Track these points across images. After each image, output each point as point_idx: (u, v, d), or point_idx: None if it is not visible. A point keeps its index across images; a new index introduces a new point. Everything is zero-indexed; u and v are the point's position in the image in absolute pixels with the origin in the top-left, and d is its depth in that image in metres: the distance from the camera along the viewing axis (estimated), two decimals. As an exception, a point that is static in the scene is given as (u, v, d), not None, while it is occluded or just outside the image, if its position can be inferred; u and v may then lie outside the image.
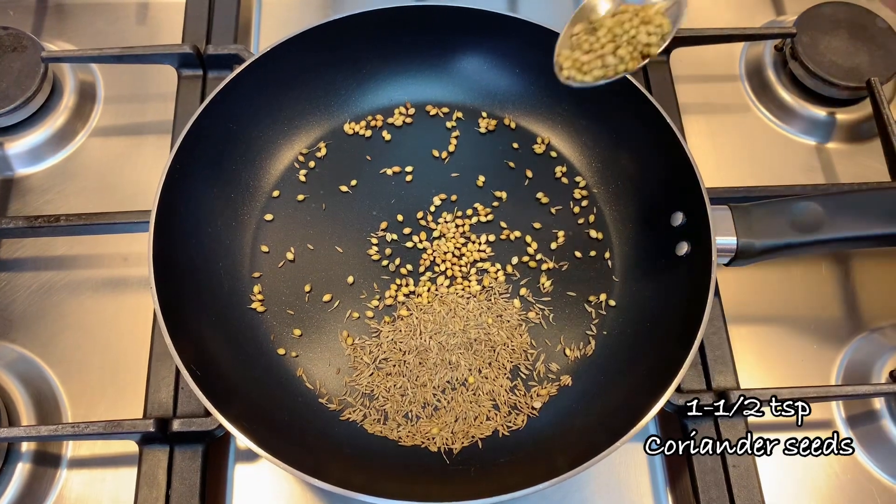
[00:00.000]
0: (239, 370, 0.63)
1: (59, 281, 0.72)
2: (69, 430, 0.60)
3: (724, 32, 0.80)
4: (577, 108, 0.76)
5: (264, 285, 0.70)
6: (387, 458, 0.62)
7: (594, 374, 0.67)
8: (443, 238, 0.72)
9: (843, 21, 0.81)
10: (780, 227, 0.61)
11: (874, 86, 0.75)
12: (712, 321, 0.67)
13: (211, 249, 0.68)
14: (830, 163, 0.80)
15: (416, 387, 0.65)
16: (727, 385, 0.65)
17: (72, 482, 0.64)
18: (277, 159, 0.75)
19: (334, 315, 0.69)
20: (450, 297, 0.69)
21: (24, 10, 0.86)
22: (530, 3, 0.90)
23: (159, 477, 0.60)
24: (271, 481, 0.65)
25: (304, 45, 0.71)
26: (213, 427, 0.61)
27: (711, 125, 0.82)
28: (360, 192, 0.75)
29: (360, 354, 0.67)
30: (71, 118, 0.79)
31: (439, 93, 0.78)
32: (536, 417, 0.65)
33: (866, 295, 0.73)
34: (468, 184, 0.75)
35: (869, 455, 0.66)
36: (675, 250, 0.66)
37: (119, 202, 0.74)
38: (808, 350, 0.70)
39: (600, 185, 0.75)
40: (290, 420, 0.63)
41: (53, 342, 0.69)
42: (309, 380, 0.66)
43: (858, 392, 0.65)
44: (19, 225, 0.68)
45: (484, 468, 0.61)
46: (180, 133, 0.65)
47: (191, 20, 0.81)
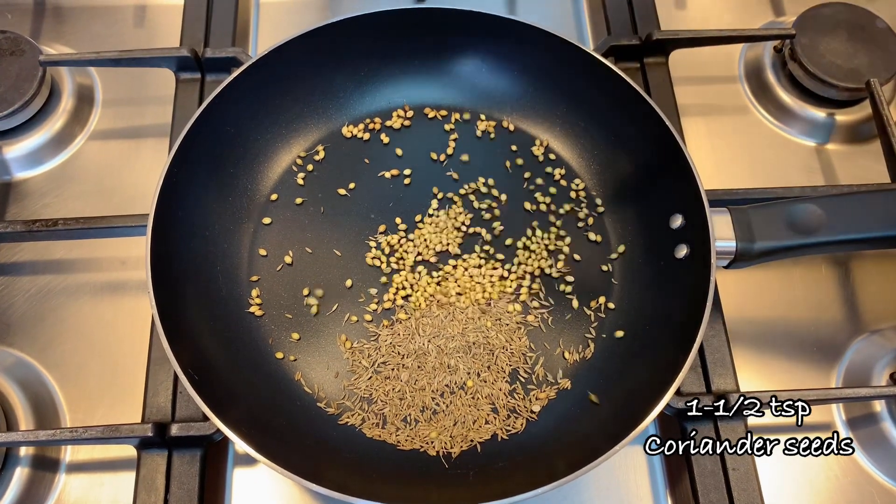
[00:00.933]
0: (237, 374, 0.63)
1: (57, 285, 0.72)
2: (67, 435, 0.60)
3: (723, 34, 0.80)
4: (576, 110, 0.76)
5: (262, 289, 0.69)
6: (385, 462, 0.62)
7: (593, 378, 0.66)
8: (441, 242, 0.72)
9: (842, 22, 0.81)
10: (779, 229, 0.61)
11: (874, 87, 0.75)
12: (712, 324, 0.67)
13: (209, 253, 0.68)
14: (830, 164, 0.79)
15: (414, 390, 0.65)
16: (727, 388, 0.65)
17: (70, 486, 0.64)
18: (275, 163, 0.75)
19: (332, 319, 0.69)
20: (448, 300, 0.69)
21: (21, 13, 0.86)
22: (528, 4, 0.89)
23: (157, 481, 0.60)
24: (270, 485, 0.65)
25: (302, 48, 0.71)
26: (212, 431, 0.61)
27: (710, 127, 0.82)
28: (358, 196, 0.74)
29: (359, 358, 0.67)
30: (69, 122, 0.79)
31: (438, 95, 0.78)
32: (535, 421, 0.64)
33: (866, 296, 0.73)
34: (466, 187, 0.75)
35: (869, 457, 0.66)
36: (675, 253, 0.66)
37: (117, 206, 0.74)
38: (808, 352, 0.70)
39: (599, 187, 0.75)
40: (288, 424, 0.62)
41: (52, 346, 0.69)
42: (307, 384, 0.66)
43: (859, 395, 0.65)
44: (17, 229, 0.68)
45: (483, 472, 0.61)
46: (178, 136, 0.65)
47: (188, 23, 0.81)
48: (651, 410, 0.56)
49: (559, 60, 0.73)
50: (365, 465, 0.61)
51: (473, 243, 0.72)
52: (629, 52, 0.80)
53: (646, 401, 0.57)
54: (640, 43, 0.80)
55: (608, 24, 0.83)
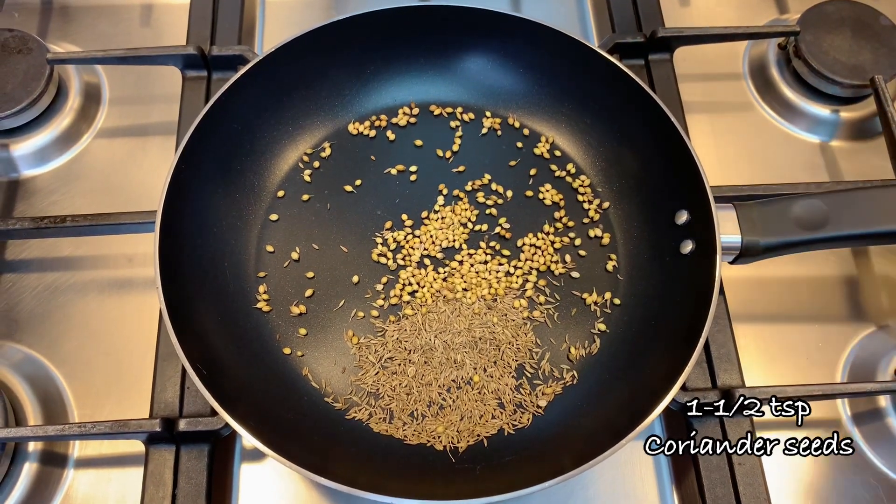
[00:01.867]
0: (245, 369, 0.63)
1: (64, 282, 0.72)
2: (76, 430, 0.60)
3: (728, 31, 0.80)
4: (581, 107, 0.76)
5: (269, 285, 0.70)
6: (392, 456, 0.62)
7: (599, 373, 0.67)
8: (447, 238, 0.72)
9: (846, 19, 0.81)
10: (784, 224, 0.61)
11: (878, 83, 0.75)
12: (717, 319, 0.67)
13: (216, 249, 0.68)
14: (835, 160, 0.80)
15: (421, 385, 0.65)
16: (732, 383, 0.65)
17: (78, 482, 0.64)
18: (282, 160, 0.75)
19: (339, 314, 0.69)
20: (455, 295, 0.69)
21: (29, 12, 0.86)
22: (533, 2, 0.89)
23: (166, 476, 0.61)
24: (277, 480, 0.65)
25: (308, 46, 0.71)
26: (220, 426, 0.61)
27: (715, 123, 0.82)
28: (364, 192, 0.75)
29: (366, 353, 0.67)
30: (76, 120, 0.79)
31: (443, 92, 0.79)
32: (542, 416, 0.65)
33: (872, 291, 0.73)
34: (472, 183, 0.75)
35: (875, 452, 0.66)
36: (680, 248, 0.66)
37: (124, 203, 0.74)
38: (814, 347, 0.70)
39: (604, 183, 0.75)
40: (295, 419, 0.63)
41: (59, 343, 0.69)
42: (315, 379, 0.66)
43: (864, 389, 0.65)
44: (25, 226, 0.68)
45: (489, 467, 0.61)
46: (186, 132, 0.65)
47: (195, 21, 0.81)
48: (656, 406, 0.56)
49: (564, 57, 0.73)
50: (372, 460, 0.62)
51: (479, 239, 0.73)
52: (634, 49, 0.80)
53: (651, 396, 0.57)
54: (645, 40, 0.80)
55: (612, 21, 0.83)
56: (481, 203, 0.74)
